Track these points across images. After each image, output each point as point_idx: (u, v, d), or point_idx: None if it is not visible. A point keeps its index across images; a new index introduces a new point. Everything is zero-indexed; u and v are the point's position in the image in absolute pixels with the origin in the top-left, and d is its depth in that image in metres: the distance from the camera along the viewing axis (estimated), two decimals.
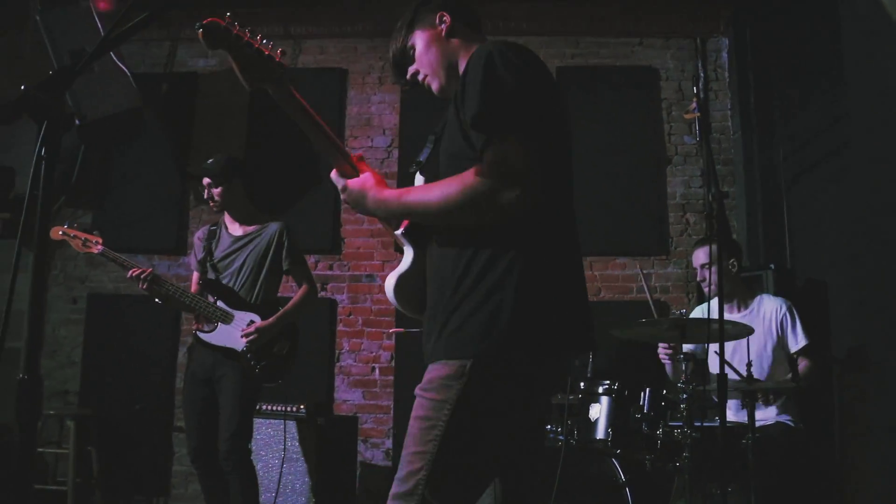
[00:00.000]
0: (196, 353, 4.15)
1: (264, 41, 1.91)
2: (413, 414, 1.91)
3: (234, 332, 4.08)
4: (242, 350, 4.04)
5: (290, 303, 4.18)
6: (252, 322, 4.08)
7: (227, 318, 4.08)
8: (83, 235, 4.06)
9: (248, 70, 1.87)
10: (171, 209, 6.39)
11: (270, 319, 4.09)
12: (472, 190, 1.76)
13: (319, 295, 6.17)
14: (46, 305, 6.39)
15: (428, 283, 1.99)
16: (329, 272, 6.36)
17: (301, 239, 4.50)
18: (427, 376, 1.90)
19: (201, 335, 4.10)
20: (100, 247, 4.04)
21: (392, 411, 6.12)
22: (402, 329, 4.82)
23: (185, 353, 6.25)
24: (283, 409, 5.07)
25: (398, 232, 2.02)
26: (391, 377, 6.21)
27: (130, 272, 3.95)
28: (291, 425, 5.07)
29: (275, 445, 5.05)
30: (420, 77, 2.09)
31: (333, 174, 2.03)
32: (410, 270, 2.05)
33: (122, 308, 6.35)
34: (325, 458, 5.03)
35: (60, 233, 4.08)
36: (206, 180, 4.14)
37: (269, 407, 5.13)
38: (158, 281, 4.00)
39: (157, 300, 4.04)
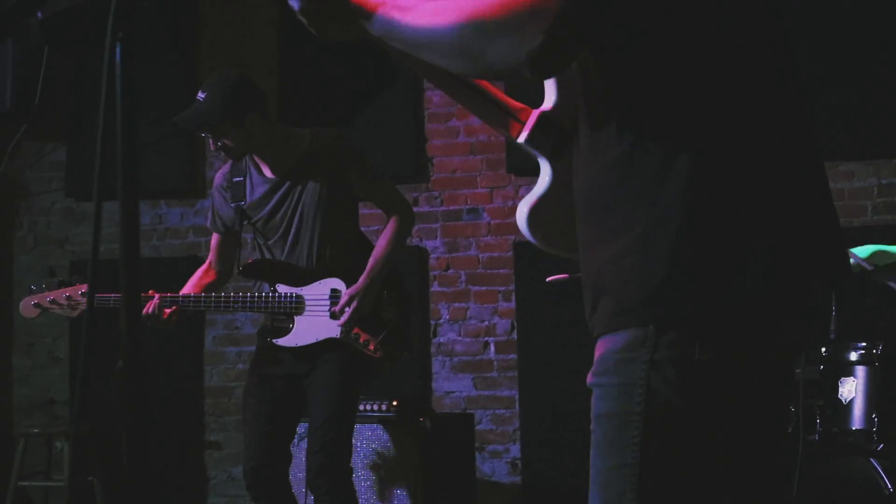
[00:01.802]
0: (268, 350, 4.32)
1: None
2: (592, 413, 1.92)
3: (317, 318, 4.22)
4: (342, 333, 4.17)
5: (380, 243, 4.26)
6: (336, 292, 4.19)
7: (298, 307, 4.22)
8: (59, 294, 4.24)
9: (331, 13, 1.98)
10: (177, 135, 6.45)
11: (361, 279, 4.16)
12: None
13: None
14: (13, 282, 6.69)
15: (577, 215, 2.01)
16: (414, 209, 6.15)
17: (373, 163, 4.54)
18: (597, 355, 1.91)
19: (279, 342, 4.25)
20: (79, 300, 4.24)
21: (517, 405, 6.22)
22: (565, 275, 4.63)
23: (213, 338, 6.65)
24: (366, 407, 5.18)
25: (521, 139, 2.05)
26: (513, 356, 6.29)
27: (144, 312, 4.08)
28: (378, 431, 5.21)
29: (359, 460, 5.15)
30: None
31: None
32: (550, 192, 2.07)
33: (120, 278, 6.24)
34: (430, 473, 5.18)
35: (33, 304, 4.28)
36: (203, 133, 4.20)
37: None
38: (179, 304, 4.17)
39: (174, 327, 4.28)
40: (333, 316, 4.19)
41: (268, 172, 4.25)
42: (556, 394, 5.99)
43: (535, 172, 2.05)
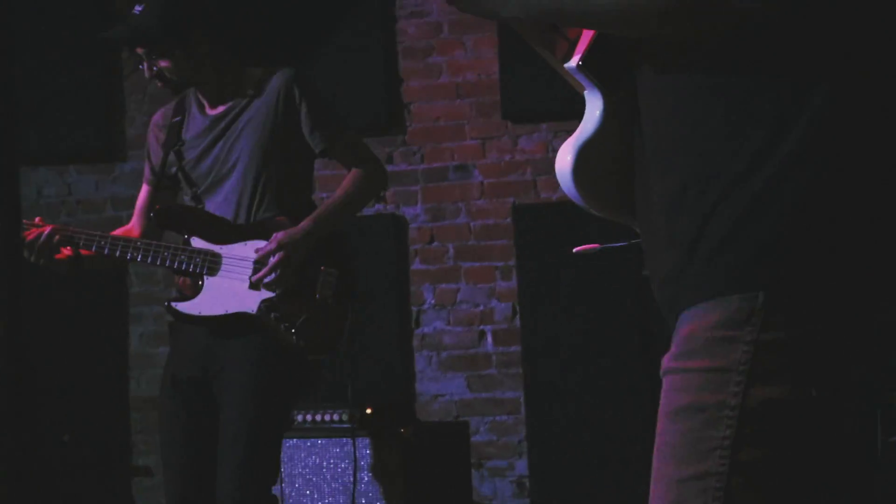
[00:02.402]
0: (180, 339, 4.40)
1: None
2: (664, 409, 1.92)
3: (232, 284, 4.22)
4: (260, 308, 4.15)
5: (332, 197, 4.32)
6: (259, 252, 4.20)
7: (211, 267, 4.23)
8: None
9: None
10: (90, 87, 6.63)
11: (299, 226, 4.18)
12: None
13: (375, 208, 6.49)
14: None
15: (641, 162, 2.06)
16: (387, 168, 6.35)
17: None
18: (682, 332, 1.92)
19: (179, 307, 4.23)
20: None
21: (523, 409, 6.23)
22: (596, 245, 4.58)
23: (140, 336, 6.69)
24: (332, 416, 5.32)
25: (571, 63, 2.05)
26: (516, 348, 6.30)
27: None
28: (347, 446, 5.27)
29: (325, 485, 5.29)
30: None
31: None
32: (601, 134, 2.09)
33: (31, 265, 6.32)
34: (415, 497, 5.28)
35: None
36: (139, 49, 4.17)
37: (310, 416, 5.39)
38: (67, 235, 4.19)
39: (66, 270, 4.23)
40: (253, 286, 4.15)
41: (209, 109, 4.32)
42: (571, 395, 5.99)
43: (537, 119, 2.36)
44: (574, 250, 4.55)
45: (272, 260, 4.13)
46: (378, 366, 6.34)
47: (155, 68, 4.16)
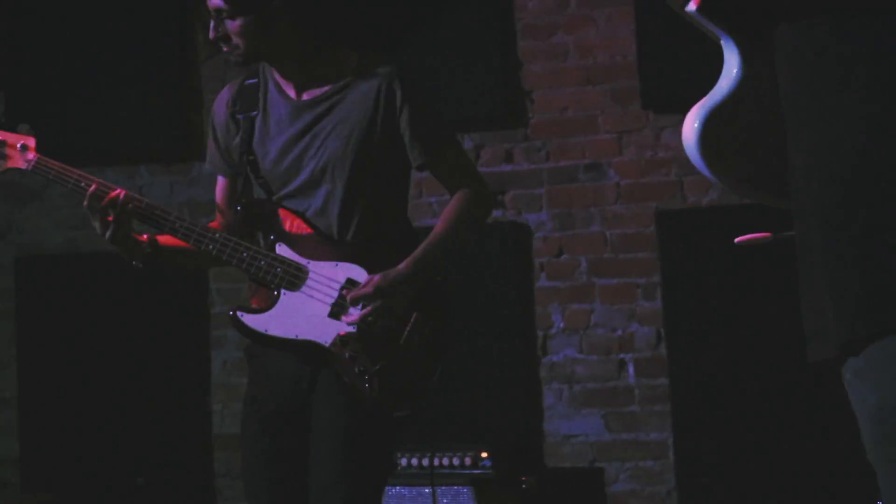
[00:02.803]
0: (262, 363, 4.23)
1: None
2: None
3: (311, 306, 4.12)
4: (335, 342, 4.08)
5: (439, 225, 4.20)
6: (351, 283, 4.09)
7: (295, 279, 4.15)
8: None
9: None
10: (161, 75, 6.65)
11: (401, 266, 4.05)
12: None
13: (494, 214, 5.93)
14: None
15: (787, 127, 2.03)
16: (505, 167, 6.50)
17: (443, 102, 4.99)
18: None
19: (245, 318, 4.13)
20: (33, 155, 4.16)
21: (671, 453, 6.05)
22: (766, 234, 4.38)
23: (223, 364, 6.65)
24: (442, 460, 5.38)
25: (691, 6, 2.06)
26: (663, 380, 6.13)
27: (89, 196, 3.98)
28: (461, 496, 5.33)
29: None
30: None
31: None
32: (739, 93, 2.09)
33: (88, 280, 6.67)
34: None
35: None
36: (212, 2, 4.03)
37: (415, 460, 5.43)
38: (144, 208, 4.07)
39: (142, 257, 4.09)
40: (333, 315, 4.05)
41: (292, 94, 4.20)
42: (728, 437, 5.78)
43: (683, 108, 2.13)
44: (737, 240, 4.39)
45: (366, 308, 4.03)
46: (498, 400, 6.24)
47: (220, 30, 4.05)
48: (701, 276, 5.73)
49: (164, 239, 4.15)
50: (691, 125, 2.09)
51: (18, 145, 4.15)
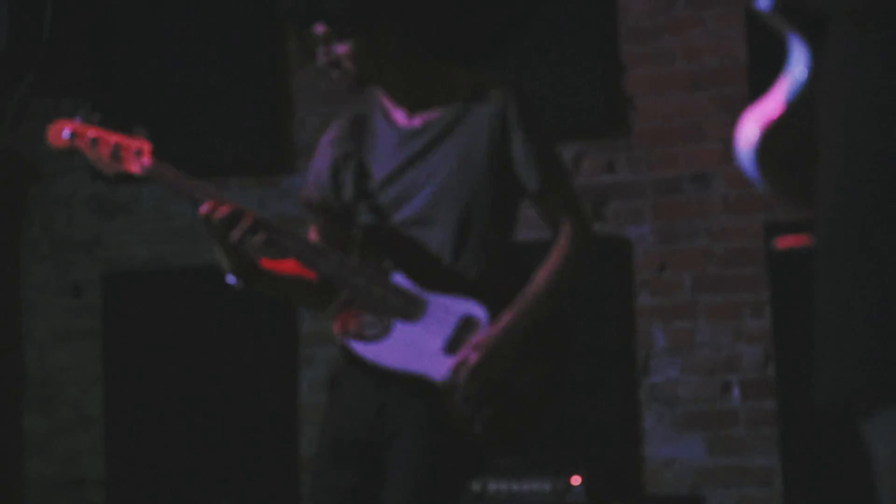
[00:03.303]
0: (345, 386, 4.27)
1: None
2: None
3: (425, 339, 4.16)
4: (446, 382, 4.07)
5: (543, 272, 4.15)
6: (471, 322, 4.14)
7: (412, 310, 4.16)
8: (113, 137, 4.29)
9: None
10: (251, 84, 6.82)
11: (502, 324, 4.07)
12: None
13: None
14: (21, 306, 6.97)
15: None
16: (606, 178, 6.58)
17: (541, 108, 4.67)
18: None
19: (357, 346, 4.15)
20: (147, 159, 4.24)
21: (780, 480, 5.99)
22: (807, 236, 4.29)
23: (311, 384, 6.74)
24: (530, 486, 5.48)
25: (763, 4, 2.08)
26: (770, 402, 6.11)
27: (206, 208, 4.01)
28: None
29: None
30: None
31: None
32: (805, 98, 2.04)
33: (175, 296, 6.80)
34: None
35: (66, 134, 4.29)
36: (318, 28, 4.07)
37: (504, 485, 5.54)
38: (275, 232, 4.12)
39: (247, 279, 4.16)
40: (449, 350, 4.08)
41: (400, 121, 4.22)
42: (839, 462, 5.63)
43: None
44: (777, 245, 4.43)
45: (469, 366, 4.01)
46: (595, 422, 6.21)
47: (331, 52, 4.06)
48: (811, 294, 5.42)
49: (268, 262, 4.22)
50: (750, 131, 2.04)
51: (134, 149, 4.20)
